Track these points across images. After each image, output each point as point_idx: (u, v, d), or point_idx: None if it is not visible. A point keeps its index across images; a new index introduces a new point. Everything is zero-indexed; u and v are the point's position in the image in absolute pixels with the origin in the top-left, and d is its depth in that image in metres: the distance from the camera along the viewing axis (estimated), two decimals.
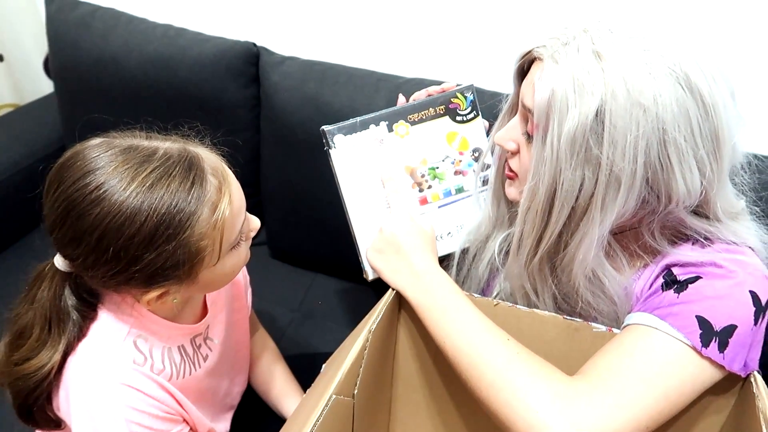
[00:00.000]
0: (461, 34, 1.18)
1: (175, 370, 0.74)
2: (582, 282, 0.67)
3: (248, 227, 0.72)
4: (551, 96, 0.60)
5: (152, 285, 0.64)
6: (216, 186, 0.64)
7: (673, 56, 0.58)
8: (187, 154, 0.64)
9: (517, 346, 0.64)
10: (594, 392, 0.58)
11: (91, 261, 0.61)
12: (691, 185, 0.60)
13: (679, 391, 0.59)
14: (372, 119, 0.81)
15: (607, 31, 0.60)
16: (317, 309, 1.28)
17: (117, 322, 0.70)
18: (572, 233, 0.64)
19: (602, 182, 0.60)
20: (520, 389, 0.59)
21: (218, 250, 0.65)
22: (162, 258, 0.61)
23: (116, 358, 0.68)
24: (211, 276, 0.68)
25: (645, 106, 0.57)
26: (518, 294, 0.74)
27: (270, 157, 1.28)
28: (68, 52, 1.33)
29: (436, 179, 0.84)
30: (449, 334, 0.67)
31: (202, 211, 0.62)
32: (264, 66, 1.23)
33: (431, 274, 0.72)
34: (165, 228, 0.60)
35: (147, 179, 0.60)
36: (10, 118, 1.53)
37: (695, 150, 0.59)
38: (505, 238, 0.79)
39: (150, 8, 1.36)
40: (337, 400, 0.60)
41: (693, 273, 0.64)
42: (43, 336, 0.67)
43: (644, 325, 0.62)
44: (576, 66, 0.59)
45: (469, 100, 0.84)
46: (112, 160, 0.61)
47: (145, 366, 0.70)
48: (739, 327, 0.60)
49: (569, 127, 0.59)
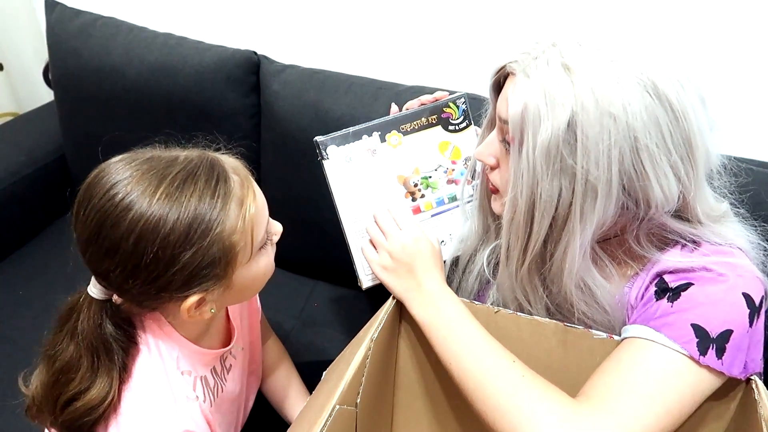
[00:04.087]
0: (460, 43, 1.18)
1: (210, 395, 0.74)
2: (573, 291, 0.67)
3: (272, 228, 0.73)
4: (524, 109, 0.61)
5: (191, 288, 0.64)
6: (239, 183, 0.66)
7: (640, 66, 0.59)
8: (207, 156, 0.66)
9: (522, 368, 0.64)
10: (597, 414, 0.58)
11: (131, 269, 0.61)
12: (668, 191, 0.61)
13: (681, 403, 0.59)
14: (364, 129, 0.82)
15: (576, 44, 0.61)
16: (318, 316, 1.28)
17: (166, 355, 0.70)
18: (556, 243, 0.65)
19: (579, 192, 0.61)
20: (525, 413, 0.59)
21: (250, 245, 0.66)
22: (198, 256, 0.61)
23: (174, 398, 0.68)
24: (244, 278, 0.68)
25: (615, 116, 0.58)
26: (512, 306, 0.74)
27: (270, 165, 1.29)
28: (68, 61, 1.34)
29: (429, 188, 0.84)
30: (455, 355, 0.67)
31: (230, 206, 0.63)
32: (264, 74, 1.23)
33: (440, 294, 0.73)
34: (198, 224, 0.61)
35: (174, 181, 0.61)
36: (9, 127, 1.53)
37: (668, 156, 0.60)
38: (493, 250, 0.79)
39: (150, 17, 1.36)
40: (341, 410, 0.60)
41: (684, 279, 0.64)
42: (95, 366, 0.67)
43: (641, 338, 0.62)
44: (546, 79, 0.60)
45: (461, 109, 0.85)
46: (137, 169, 0.62)
47: (197, 401, 0.71)
48: (735, 331, 0.60)
49: (543, 139, 0.60)
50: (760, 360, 0.65)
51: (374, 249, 0.79)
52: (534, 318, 0.70)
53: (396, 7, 1.20)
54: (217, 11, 1.36)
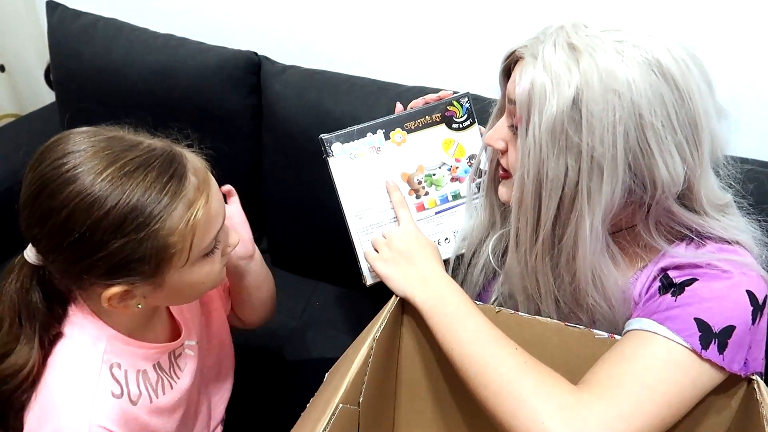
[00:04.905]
0: (462, 42, 1.19)
1: (151, 392, 0.72)
2: (587, 282, 0.67)
3: (226, 239, 0.71)
4: (531, 89, 0.62)
5: (115, 278, 0.62)
6: (195, 185, 0.64)
7: (645, 45, 0.60)
8: (171, 150, 0.64)
9: (524, 355, 0.64)
10: (597, 403, 0.58)
11: (57, 242, 0.60)
12: (673, 170, 0.62)
13: (681, 395, 0.60)
14: (369, 127, 0.82)
15: (582, 26, 0.62)
16: (320, 317, 1.28)
17: (90, 345, 0.67)
18: (564, 226, 0.65)
19: (585, 170, 0.61)
20: (526, 399, 0.60)
21: (188, 250, 0.63)
22: (128, 248, 0.59)
23: (94, 392, 0.65)
24: (178, 282, 0.66)
25: (619, 92, 0.58)
26: (520, 298, 0.74)
27: (271, 165, 1.29)
28: (70, 62, 1.34)
29: (433, 186, 0.85)
30: (457, 342, 0.67)
31: (176, 206, 0.61)
32: (265, 75, 1.24)
33: (441, 281, 0.73)
34: (135, 216, 0.59)
35: (125, 166, 0.59)
36: (11, 128, 1.54)
37: (674, 135, 0.60)
38: (499, 239, 0.80)
39: (151, 18, 1.36)
40: (344, 409, 0.60)
41: (689, 275, 0.65)
42: (14, 330, 0.66)
43: (644, 331, 0.63)
44: (553, 59, 0.61)
45: (465, 107, 0.85)
46: (94, 144, 0.61)
47: (123, 398, 0.68)
48: (737, 327, 0.61)
49: (548, 117, 0.61)
50: (762, 360, 0.66)
51: (375, 250, 0.80)
52: (535, 318, 0.70)
53: (397, 8, 1.20)
54: (218, 12, 1.36)
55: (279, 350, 1.18)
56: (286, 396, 1.06)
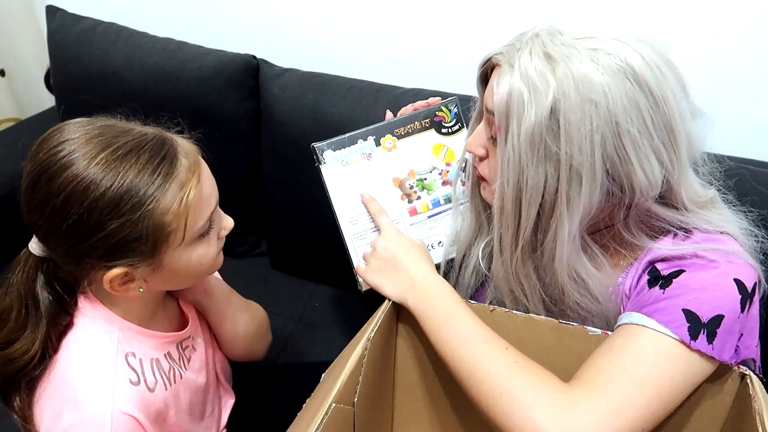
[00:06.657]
0: (459, 45, 1.19)
1: (166, 380, 0.74)
2: (566, 281, 0.68)
3: (220, 222, 0.73)
4: (509, 98, 0.63)
5: (115, 259, 0.64)
6: (186, 167, 0.66)
7: (619, 53, 0.60)
8: (161, 134, 0.67)
9: (515, 354, 0.65)
10: (588, 398, 0.59)
11: (56, 226, 0.62)
12: (651, 175, 0.62)
13: (671, 387, 0.60)
14: (360, 134, 0.83)
15: (558, 34, 0.63)
16: (318, 319, 1.28)
17: (103, 335, 0.70)
18: (545, 231, 0.66)
19: (564, 178, 0.62)
20: (517, 398, 0.60)
21: (183, 229, 0.65)
22: (125, 228, 0.62)
23: (113, 380, 0.68)
24: (176, 262, 0.68)
25: (596, 101, 0.59)
26: (508, 299, 0.75)
27: (270, 168, 1.29)
28: (69, 66, 1.35)
29: (425, 190, 0.85)
30: (449, 343, 0.67)
31: (169, 186, 0.63)
32: (264, 78, 1.24)
33: (431, 283, 0.73)
34: (130, 197, 0.61)
35: (118, 150, 0.62)
36: (11, 132, 1.54)
37: (650, 141, 0.61)
38: (487, 243, 0.80)
39: (150, 23, 1.37)
40: (337, 409, 0.60)
41: (676, 267, 0.65)
42: (21, 319, 0.68)
43: (633, 324, 0.63)
44: (529, 68, 0.62)
45: (453, 112, 0.86)
46: (87, 133, 0.63)
47: (140, 385, 0.70)
48: (726, 316, 0.61)
49: (527, 127, 0.61)
50: (755, 347, 0.66)
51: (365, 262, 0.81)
52: (530, 316, 0.70)
53: (394, 11, 1.21)
54: (217, 16, 1.37)
55: (278, 353, 1.19)
56: (285, 397, 1.06)
